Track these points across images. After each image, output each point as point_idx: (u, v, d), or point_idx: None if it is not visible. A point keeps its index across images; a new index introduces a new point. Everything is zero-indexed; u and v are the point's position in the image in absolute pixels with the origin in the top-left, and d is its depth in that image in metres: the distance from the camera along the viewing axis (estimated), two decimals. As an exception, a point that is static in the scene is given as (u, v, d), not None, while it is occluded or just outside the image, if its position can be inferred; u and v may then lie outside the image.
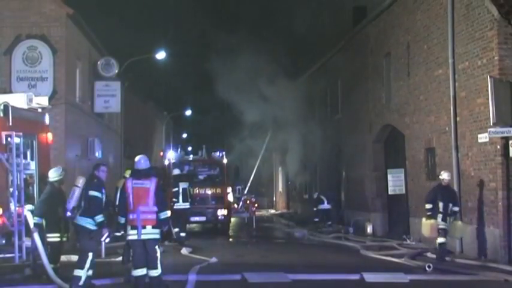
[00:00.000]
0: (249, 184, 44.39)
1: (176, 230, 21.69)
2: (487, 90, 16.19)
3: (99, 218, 12.43)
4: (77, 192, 12.55)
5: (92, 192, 12.47)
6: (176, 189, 23.13)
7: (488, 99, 16.16)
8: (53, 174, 13.93)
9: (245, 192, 42.18)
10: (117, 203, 14.51)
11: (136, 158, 12.71)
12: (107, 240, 12.56)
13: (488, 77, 16.29)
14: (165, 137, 58.94)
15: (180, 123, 70.67)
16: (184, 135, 77.27)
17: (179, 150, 30.15)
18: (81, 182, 12.67)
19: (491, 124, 16.14)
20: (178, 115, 63.63)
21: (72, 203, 12.54)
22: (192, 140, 66.00)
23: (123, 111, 32.93)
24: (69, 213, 12.70)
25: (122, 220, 12.31)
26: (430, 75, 20.48)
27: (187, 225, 26.99)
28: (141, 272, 12.14)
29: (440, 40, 19.64)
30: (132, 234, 12.11)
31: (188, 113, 63.61)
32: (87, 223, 12.43)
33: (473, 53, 17.58)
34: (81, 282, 12.23)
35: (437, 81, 19.94)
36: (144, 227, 12.02)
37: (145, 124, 48.38)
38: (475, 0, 17.48)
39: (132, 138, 39.49)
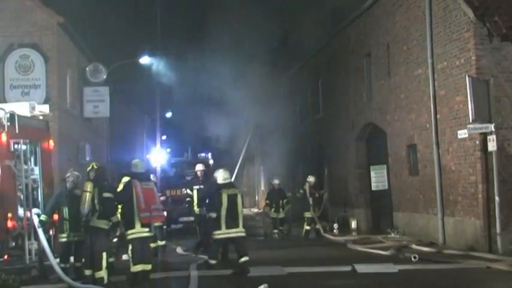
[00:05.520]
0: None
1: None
2: (466, 89, 16.68)
3: (115, 218, 13.15)
4: (88, 196, 13.16)
5: (106, 194, 13.16)
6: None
7: (466, 97, 16.66)
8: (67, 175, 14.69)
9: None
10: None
11: (134, 162, 13.48)
12: (115, 239, 13.24)
13: (467, 76, 16.77)
14: (149, 139, 59.14)
15: (164, 126, 70.57)
16: (164, 137, 77.11)
17: (167, 151, 30.61)
18: (89, 187, 13.30)
19: (470, 121, 16.64)
20: (160, 117, 63.43)
21: (86, 208, 13.10)
22: (174, 142, 66.12)
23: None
24: (83, 218, 13.30)
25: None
26: (410, 75, 20.91)
27: (176, 226, 27.58)
28: (140, 267, 12.91)
29: (419, 41, 20.11)
30: (145, 232, 12.86)
31: (169, 115, 63.60)
32: (104, 224, 13.13)
33: (451, 53, 18.12)
34: (105, 282, 12.92)
35: (417, 80, 20.39)
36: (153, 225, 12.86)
37: (129, 127, 48.77)
38: (451, 3, 18.02)
39: (118, 142, 39.95)
